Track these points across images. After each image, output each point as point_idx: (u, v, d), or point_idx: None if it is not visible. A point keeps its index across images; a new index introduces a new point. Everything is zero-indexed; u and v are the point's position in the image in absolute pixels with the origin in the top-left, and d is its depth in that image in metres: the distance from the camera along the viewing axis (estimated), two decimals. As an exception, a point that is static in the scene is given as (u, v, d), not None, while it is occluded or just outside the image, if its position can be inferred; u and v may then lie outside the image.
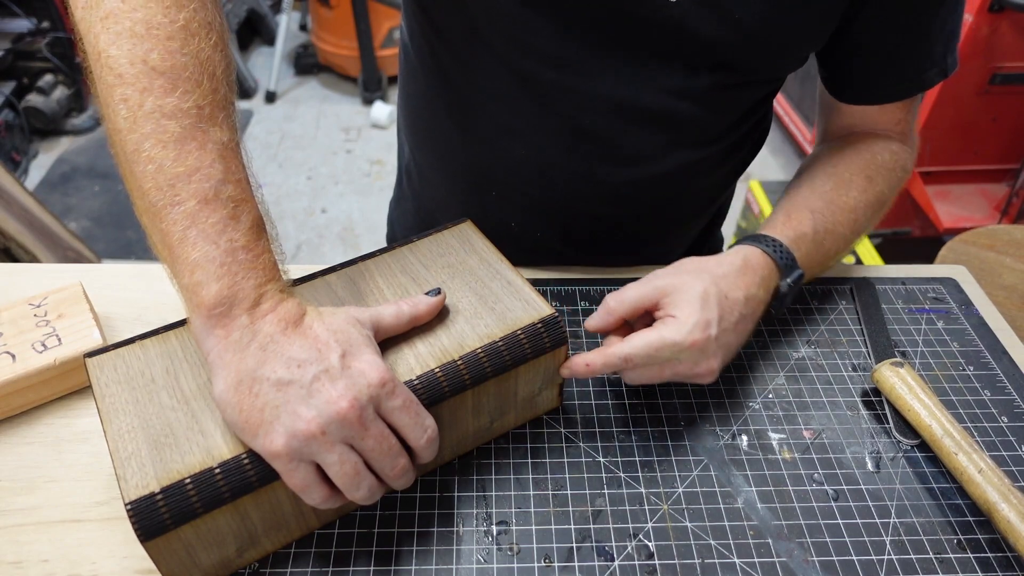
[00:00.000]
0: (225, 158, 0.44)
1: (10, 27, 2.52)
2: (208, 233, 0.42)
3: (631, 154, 0.65)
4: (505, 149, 0.67)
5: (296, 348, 0.42)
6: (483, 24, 0.60)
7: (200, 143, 0.43)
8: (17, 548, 0.49)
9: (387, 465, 0.43)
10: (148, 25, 0.43)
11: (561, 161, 0.65)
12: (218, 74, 0.45)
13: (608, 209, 0.69)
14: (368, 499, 0.44)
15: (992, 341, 0.66)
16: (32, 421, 0.56)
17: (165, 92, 0.42)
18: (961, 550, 0.50)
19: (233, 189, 0.43)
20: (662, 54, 0.59)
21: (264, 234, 0.45)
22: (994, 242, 1.14)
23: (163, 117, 0.42)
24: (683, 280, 0.53)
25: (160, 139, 0.42)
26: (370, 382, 0.42)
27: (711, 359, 0.52)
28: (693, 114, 0.62)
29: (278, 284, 0.44)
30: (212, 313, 0.42)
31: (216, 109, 0.44)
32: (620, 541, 0.50)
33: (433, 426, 0.45)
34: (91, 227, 2.27)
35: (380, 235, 2.26)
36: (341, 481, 0.42)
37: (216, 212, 0.42)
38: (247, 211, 0.44)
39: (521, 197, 0.69)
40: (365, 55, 2.78)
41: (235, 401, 0.41)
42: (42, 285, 0.64)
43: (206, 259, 0.41)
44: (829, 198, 0.63)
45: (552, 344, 0.51)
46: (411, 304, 0.49)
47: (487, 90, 0.64)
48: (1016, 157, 1.99)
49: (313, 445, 0.41)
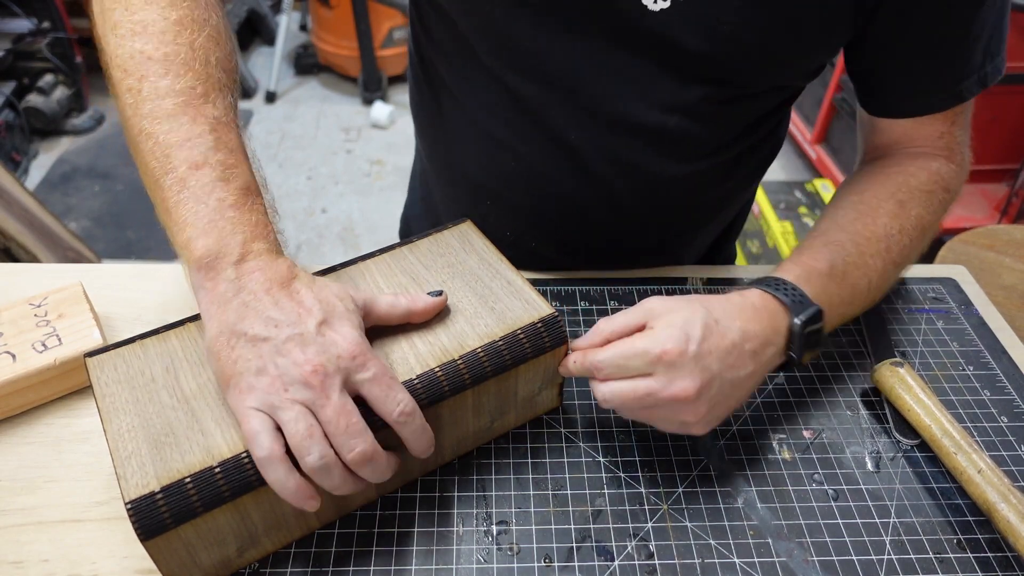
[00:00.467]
0: (216, 130, 0.47)
1: (10, 27, 2.52)
2: (198, 194, 0.45)
3: (621, 168, 0.64)
4: (497, 160, 0.67)
5: (277, 308, 0.43)
6: (473, 38, 0.61)
7: (192, 117, 0.47)
8: (17, 548, 0.49)
9: (345, 444, 0.41)
10: (144, 24, 0.49)
11: (552, 173, 0.65)
12: (211, 60, 0.50)
13: (602, 221, 0.69)
14: (323, 473, 0.42)
15: (992, 341, 0.66)
16: (32, 421, 0.56)
17: (159, 76, 0.47)
18: (961, 550, 0.50)
19: (224, 155, 0.47)
20: (650, 67, 0.58)
21: (255, 197, 0.48)
22: (994, 242, 1.14)
23: (158, 97, 0.47)
24: (674, 304, 0.50)
25: (156, 116, 0.46)
26: (340, 353, 0.42)
27: (686, 379, 0.47)
28: (686, 128, 0.61)
29: (267, 243, 0.46)
30: (201, 265, 0.44)
31: (210, 89, 0.49)
32: (620, 541, 0.50)
33: (407, 401, 0.44)
34: (91, 227, 2.27)
35: (380, 235, 2.27)
36: (293, 440, 0.41)
37: (206, 175, 0.46)
38: (237, 175, 0.47)
39: (514, 208, 0.69)
40: (365, 55, 2.78)
41: (215, 351, 0.43)
42: (42, 285, 0.64)
43: (195, 216, 0.45)
44: (853, 229, 0.59)
45: (552, 344, 0.51)
46: (409, 298, 0.49)
47: (479, 102, 0.65)
48: (1016, 157, 1.99)
49: (274, 399, 0.41)
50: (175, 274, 0.69)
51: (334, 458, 0.42)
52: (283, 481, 0.41)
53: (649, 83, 0.59)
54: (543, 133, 0.63)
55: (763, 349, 0.51)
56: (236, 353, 0.43)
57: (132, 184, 2.45)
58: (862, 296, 0.58)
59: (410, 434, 0.45)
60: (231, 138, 0.48)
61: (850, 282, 0.57)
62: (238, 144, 0.48)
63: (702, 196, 0.70)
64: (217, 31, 0.51)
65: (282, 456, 0.41)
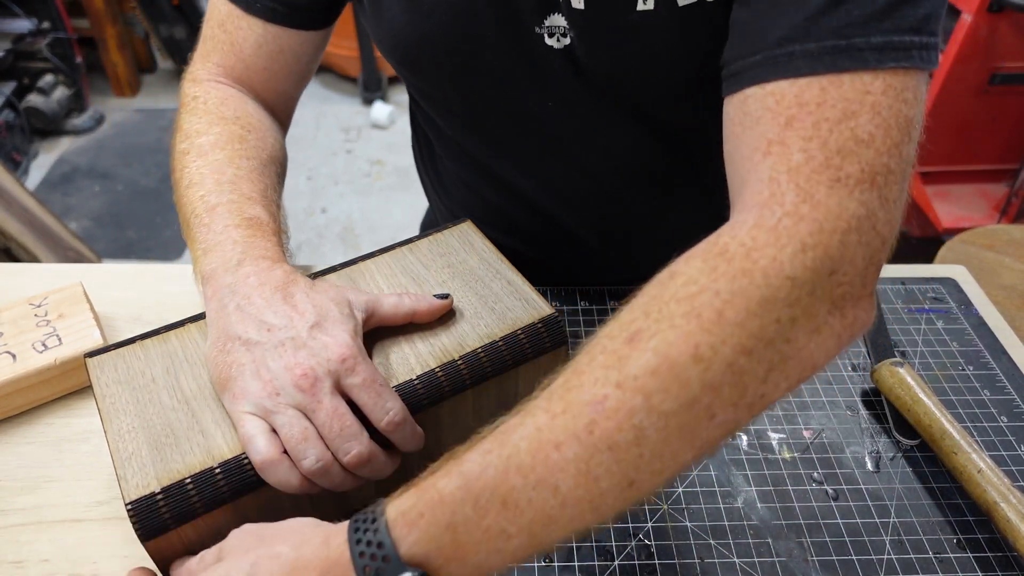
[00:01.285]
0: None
1: (10, 27, 2.51)
2: (215, 229, 0.49)
3: (593, 210, 0.66)
4: (470, 203, 0.70)
5: (271, 313, 0.44)
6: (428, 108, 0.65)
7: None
8: (17, 548, 0.49)
9: (341, 447, 0.41)
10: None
11: (528, 217, 0.68)
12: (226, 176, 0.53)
13: (589, 253, 0.70)
14: (321, 475, 0.41)
15: (992, 341, 0.66)
16: (32, 421, 0.56)
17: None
18: (961, 550, 0.50)
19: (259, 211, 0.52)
20: (581, 109, 0.56)
21: (265, 230, 0.50)
22: (993, 242, 1.14)
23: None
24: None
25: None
26: (330, 356, 0.42)
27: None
28: (644, 163, 0.61)
29: (269, 255, 0.48)
30: (206, 276, 0.47)
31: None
32: (620, 541, 0.50)
33: (397, 408, 0.43)
34: (91, 227, 2.27)
35: (380, 235, 2.27)
36: (290, 444, 0.41)
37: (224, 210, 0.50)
38: (252, 211, 0.51)
39: (496, 244, 0.70)
40: (365, 55, 2.78)
41: (212, 356, 0.44)
42: (42, 285, 0.64)
43: (204, 237, 0.49)
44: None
45: (552, 344, 0.51)
46: (414, 298, 0.49)
47: (450, 153, 0.68)
48: (1015, 157, 1.99)
49: (267, 403, 0.41)
50: (175, 274, 0.69)
51: (331, 460, 0.42)
52: (286, 480, 0.41)
53: (609, 130, 0.59)
54: (500, 181, 0.66)
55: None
56: (231, 357, 0.43)
57: (132, 184, 2.45)
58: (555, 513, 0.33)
59: (400, 439, 0.45)
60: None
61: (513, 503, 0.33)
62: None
63: (674, 225, 0.65)
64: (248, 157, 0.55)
65: (280, 457, 0.41)
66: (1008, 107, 1.89)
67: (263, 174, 0.55)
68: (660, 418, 0.33)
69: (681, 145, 0.60)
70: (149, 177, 2.49)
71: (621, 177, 0.63)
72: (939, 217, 1.93)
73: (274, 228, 0.51)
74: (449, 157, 0.69)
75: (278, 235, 0.51)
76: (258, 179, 0.54)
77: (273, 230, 0.51)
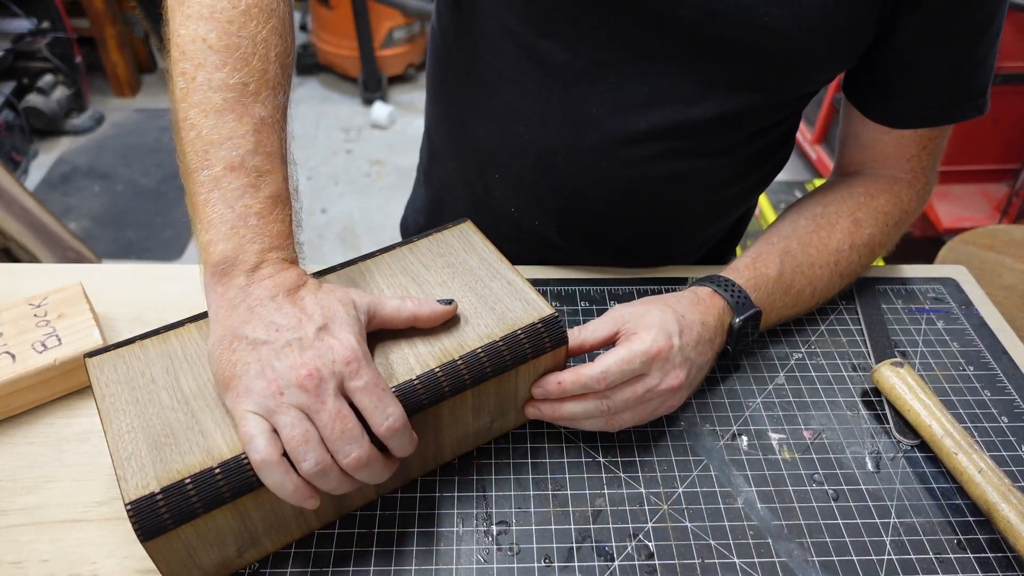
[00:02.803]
0: (260, 131, 0.47)
1: (10, 27, 2.51)
2: (227, 197, 0.45)
3: (630, 155, 0.64)
4: (510, 132, 0.67)
5: (280, 314, 0.44)
6: (502, 6, 0.62)
7: (238, 115, 0.47)
8: (17, 548, 0.49)
9: (341, 449, 0.42)
10: (212, 9, 0.48)
11: (561, 150, 0.66)
12: (271, 56, 0.49)
13: (604, 207, 0.69)
14: (320, 477, 0.42)
15: (992, 341, 0.66)
16: (32, 421, 0.56)
17: (216, 67, 0.47)
18: (961, 550, 0.50)
19: (261, 160, 0.47)
20: (679, 58, 0.58)
21: (281, 206, 0.48)
22: (994, 242, 1.14)
23: (210, 89, 0.47)
24: (641, 308, 0.55)
25: (204, 109, 0.46)
26: (335, 358, 0.43)
27: (677, 370, 0.53)
28: (701, 124, 0.62)
29: (284, 252, 0.47)
30: (216, 270, 0.45)
31: (261, 87, 0.48)
32: (620, 541, 0.50)
33: (397, 415, 0.44)
34: (91, 227, 2.27)
35: (380, 235, 2.27)
36: (290, 445, 0.41)
37: (239, 179, 0.46)
38: (269, 182, 0.47)
39: (521, 181, 0.69)
40: (365, 55, 2.78)
41: (216, 354, 0.44)
42: (42, 285, 0.64)
43: (220, 220, 0.45)
44: (808, 240, 0.64)
45: (552, 344, 0.51)
46: (416, 302, 0.49)
47: (501, 71, 0.65)
48: (1016, 157, 1.99)
49: (270, 402, 0.41)
50: (175, 274, 0.69)
51: (330, 463, 0.42)
52: (281, 483, 0.41)
53: (677, 75, 0.59)
54: (560, 107, 0.64)
55: (715, 339, 0.58)
56: (236, 356, 0.43)
57: (132, 184, 2.45)
58: (805, 302, 0.65)
59: (396, 445, 0.45)
60: (272, 141, 0.48)
61: (795, 290, 0.63)
62: (278, 148, 0.49)
63: (707, 197, 0.70)
64: (282, 23, 0.51)
65: (278, 459, 0.41)
66: (1009, 107, 1.89)
67: (276, 90, 0.50)
68: (862, 268, 0.68)
69: (752, 117, 0.64)
70: (149, 177, 2.49)
71: (682, 138, 0.63)
72: (940, 217, 1.94)
73: (291, 199, 0.49)
74: (502, 75, 0.65)
75: (290, 206, 0.49)
76: (274, 123, 0.50)
77: (290, 206, 0.49)
